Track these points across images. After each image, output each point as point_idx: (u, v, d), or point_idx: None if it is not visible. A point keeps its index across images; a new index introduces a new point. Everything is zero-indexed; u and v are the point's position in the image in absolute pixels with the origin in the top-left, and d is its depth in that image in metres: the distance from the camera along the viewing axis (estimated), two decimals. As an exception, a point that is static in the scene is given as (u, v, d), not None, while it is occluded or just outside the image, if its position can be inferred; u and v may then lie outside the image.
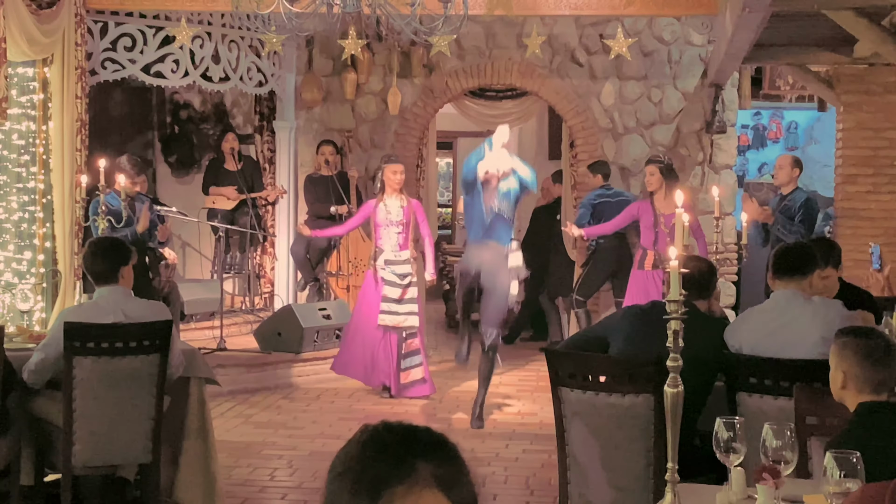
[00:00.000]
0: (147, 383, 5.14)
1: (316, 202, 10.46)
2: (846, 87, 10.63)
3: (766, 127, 15.69)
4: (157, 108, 12.75)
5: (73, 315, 5.21)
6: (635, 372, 4.37)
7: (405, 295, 8.79)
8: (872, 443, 3.05)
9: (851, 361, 3.40)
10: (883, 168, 10.41)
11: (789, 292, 4.68)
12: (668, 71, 10.96)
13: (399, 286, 8.77)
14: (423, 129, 11.32)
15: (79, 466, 5.15)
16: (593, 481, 4.46)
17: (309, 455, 7.07)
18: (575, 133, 11.16)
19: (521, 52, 10.67)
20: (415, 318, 8.82)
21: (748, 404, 4.43)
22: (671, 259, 3.13)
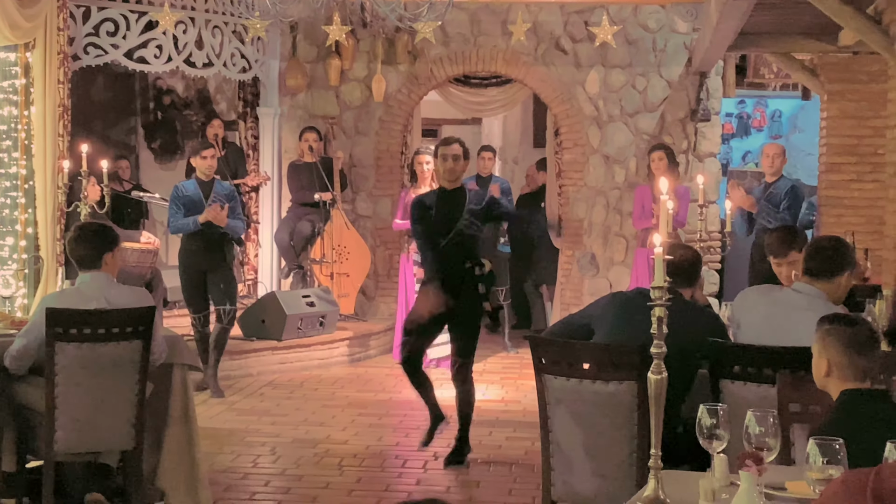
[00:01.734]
0: (130, 370, 5.12)
1: (300, 189, 10.44)
2: (830, 75, 10.65)
3: (750, 115, 15.72)
4: (140, 94, 12.69)
5: (55, 301, 5.18)
6: (619, 359, 4.38)
7: None
8: (855, 430, 3.05)
9: (835, 349, 3.40)
10: (866, 157, 10.43)
11: (814, 292, 4.61)
12: (652, 59, 10.96)
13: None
14: (408, 116, 11.30)
15: (61, 453, 5.13)
16: (577, 468, 4.46)
17: (292, 442, 7.06)
18: (560, 121, 11.16)
19: (506, 40, 10.65)
20: None
21: (731, 391, 4.44)
22: (656, 246, 3.13)
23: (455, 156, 6.67)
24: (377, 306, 11.11)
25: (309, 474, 6.32)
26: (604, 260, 11.00)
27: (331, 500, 5.83)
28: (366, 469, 6.47)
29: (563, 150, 11.16)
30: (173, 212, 8.30)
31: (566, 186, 11.13)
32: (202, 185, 8.31)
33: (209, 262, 8.28)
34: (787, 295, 4.71)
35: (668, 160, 9.12)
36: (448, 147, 6.74)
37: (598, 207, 10.95)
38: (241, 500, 5.77)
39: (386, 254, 11.15)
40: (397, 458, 6.78)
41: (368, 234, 11.01)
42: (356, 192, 11.13)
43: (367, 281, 10.89)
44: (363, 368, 9.74)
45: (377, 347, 10.32)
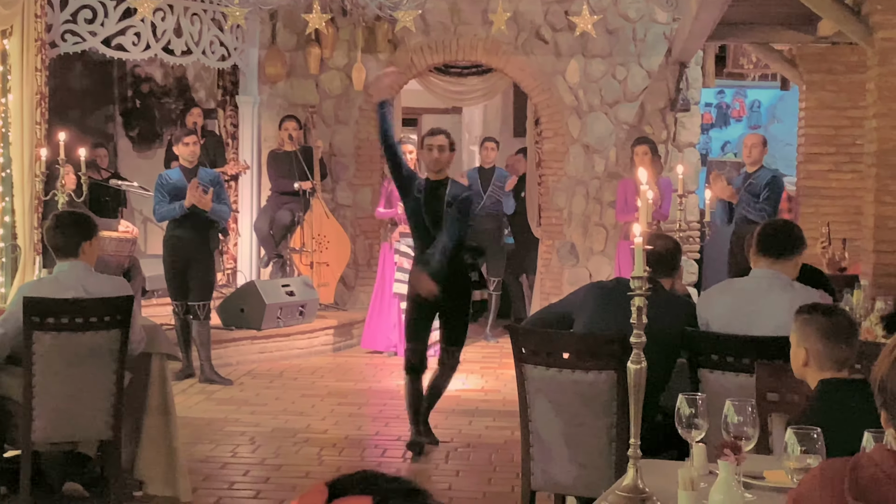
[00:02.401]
0: (108, 359, 5.10)
1: (279, 178, 10.40)
2: (809, 66, 10.69)
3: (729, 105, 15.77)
4: (118, 82, 12.62)
5: (32, 290, 5.15)
6: (599, 349, 4.39)
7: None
8: (833, 419, 3.07)
9: (814, 339, 3.42)
10: (844, 147, 10.48)
11: (772, 274, 4.62)
12: (632, 49, 10.97)
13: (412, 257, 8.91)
14: (388, 105, 11.25)
15: (39, 442, 5.11)
16: (556, 458, 4.47)
17: (271, 432, 7.05)
18: (540, 110, 11.16)
19: (487, 29, 10.64)
20: None
21: (710, 381, 4.45)
22: (636, 236, 3.13)
23: (440, 146, 6.66)
24: (357, 296, 11.10)
25: (288, 464, 6.31)
26: (584, 249, 11.02)
27: (310, 489, 5.81)
28: (345, 458, 6.47)
29: (544, 140, 11.16)
30: (158, 199, 8.28)
31: (546, 176, 11.13)
32: (186, 172, 8.30)
33: (193, 250, 8.26)
34: (748, 283, 4.71)
35: (652, 154, 9.16)
36: (433, 138, 6.72)
37: (578, 197, 10.96)
38: (220, 490, 5.76)
39: (366, 243, 11.13)
40: (377, 447, 6.78)
41: (348, 224, 10.99)
42: (336, 181, 11.11)
43: (346, 270, 10.88)
44: (343, 358, 9.73)
45: (357, 337, 10.31)
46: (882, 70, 7.36)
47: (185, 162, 8.35)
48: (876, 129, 7.39)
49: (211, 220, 8.30)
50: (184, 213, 8.14)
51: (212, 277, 8.54)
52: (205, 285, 8.35)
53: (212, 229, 8.40)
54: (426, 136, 6.85)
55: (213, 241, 8.48)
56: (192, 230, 8.23)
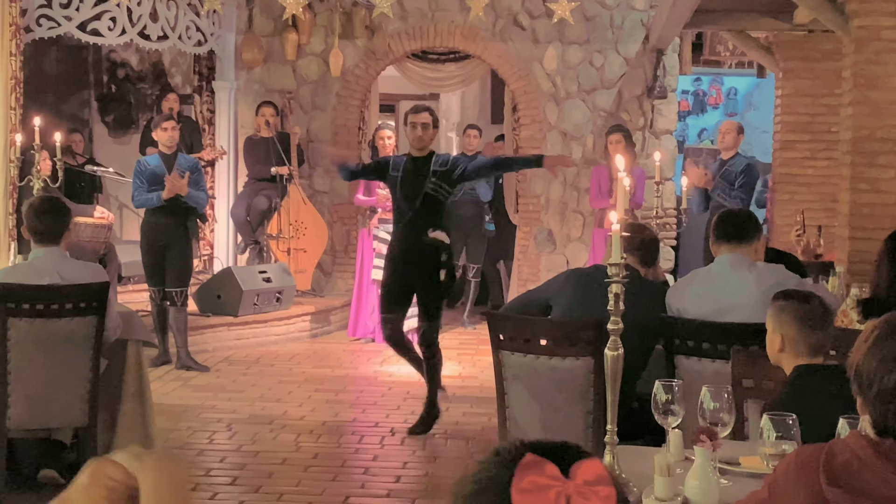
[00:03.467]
0: (83, 346, 5.08)
1: (256, 164, 10.37)
2: (785, 53, 10.72)
3: (706, 93, 15.80)
4: (94, 67, 12.53)
5: (7, 276, 5.12)
6: (576, 335, 4.40)
7: None
8: (808, 405, 3.09)
9: (789, 325, 3.44)
10: (820, 134, 10.52)
11: (734, 257, 4.66)
12: (610, 36, 10.97)
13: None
14: (365, 91, 11.24)
15: (13, 429, 5.09)
16: (533, 443, 4.47)
17: (248, 418, 7.04)
18: (517, 97, 11.16)
19: (465, 15, 10.62)
20: None
21: (686, 367, 4.47)
22: (613, 223, 3.14)
23: (424, 124, 6.77)
24: (334, 282, 11.08)
25: (265, 450, 6.31)
26: (560, 236, 11.04)
27: (287, 475, 5.82)
28: (322, 445, 6.47)
29: (521, 127, 11.16)
30: (137, 186, 8.24)
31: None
32: (165, 158, 8.26)
33: (170, 236, 8.22)
34: (713, 268, 4.73)
35: (626, 142, 9.12)
36: (417, 115, 6.82)
37: (556, 184, 10.97)
38: (196, 477, 5.74)
39: (343, 229, 11.11)
40: (354, 433, 6.78)
41: (325, 210, 10.97)
42: (313, 167, 11.08)
43: (324, 257, 10.86)
44: (320, 344, 9.72)
45: (334, 323, 10.30)
46: (858, 58, 7.38)
47: (163, 147, 8.31)
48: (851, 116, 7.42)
49: (189, 206, 8.27)
50: (161, 203, 8.11)
51: (189, 263, 8.51)
52: (182, 271, 8.32)
53: (190, 215, 8.37)
54: (410, 112, 6.95)
55: (191, 227, 8.45)
56: (169, 216, 8.20)
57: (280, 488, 5.59)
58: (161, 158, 8.28)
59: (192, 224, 8.47)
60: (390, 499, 5.49)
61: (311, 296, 10.61)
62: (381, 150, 9.48)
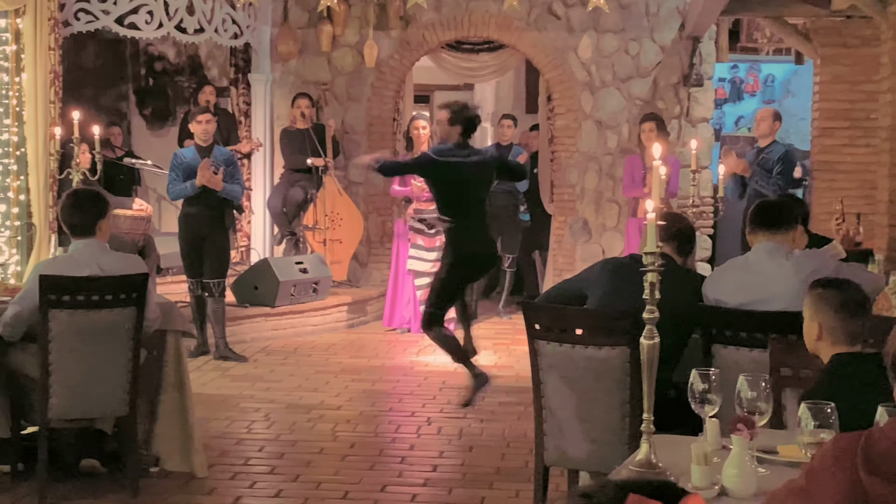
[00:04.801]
0: (123, 337, 5.13)
1: (292, 155, 10.41)
2: (823, 39, 10.63)
3: (743, 80, 15.69)
4: (132, 60, 12.64)
5: (48, 268, 5.18)
6: (611, 325, 4.39)
7: (435, 243, 9.32)
8: (846, 394, 3.07)
9: (827, 313, 3.42)
10: (859, 121, 10.43)
11: (771, 246, 4.63)
12: (645, 24, 10.92)
13: (428, 234, 9.43)
14: (400, 82, 11.26)
15: (55, 419, 5.14)
16: (569, 433, 4.48)
17: (286, 408, 7.09)
18: (552, 86, 11.13)
19: (499, 5, 10.60)
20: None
21: (723, 356, 4.46)
22: (648, 212, 3.13)
23: (438, 120, 6.97)
24: (370, 273, 11.12)
25: (303, 440, 6.35)
26: (596, 226, 11.01)
27: (324, 465, 5.86)
28: (359, 434, 6.50)
29: (556, 116, 11.14)
30: (172, 178, 8.30)
31: (559, 152, 11.12)
32: (201, 150, 8.32)
33: (208, 228, 8.29)
34: (750, 256, 4.72)
35: (658, 130, 9.09)
36: (438, 111, 7.04)
37: (591, 173, 10.95)
38: (235, 466, 5.80)
39: (378, 220, 11.14)
40: (391, 423, 6.81)
41: (361, 201, 11.00)
42: (349, 158, 11.11)
43: (359, 247, 10.90)
44: (356, 334, 9.76)
45: (370, 313, 10.34)
46: (896, 44, 7.32)
47: (199, 140, 8.36)
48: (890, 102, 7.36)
49: (224, 197, 8.32)
50: (196, 192, 8.16)
51: (227, 255, 8.57)
52: (220, 262, 8.39)
53: (227, 206, 8.42)
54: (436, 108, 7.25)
55: (228, 218, 8.50)
56: (206, 207, 8.25)
57: (318, 477, 5.62)
58: (197, 151, 8.34)
59: (229, 215, 8.53)
60: (427, 488, 5.51)
61: (347, 286, 10.65)
62: (415, 141, 9.52)
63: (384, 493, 5.42)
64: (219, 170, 8.19)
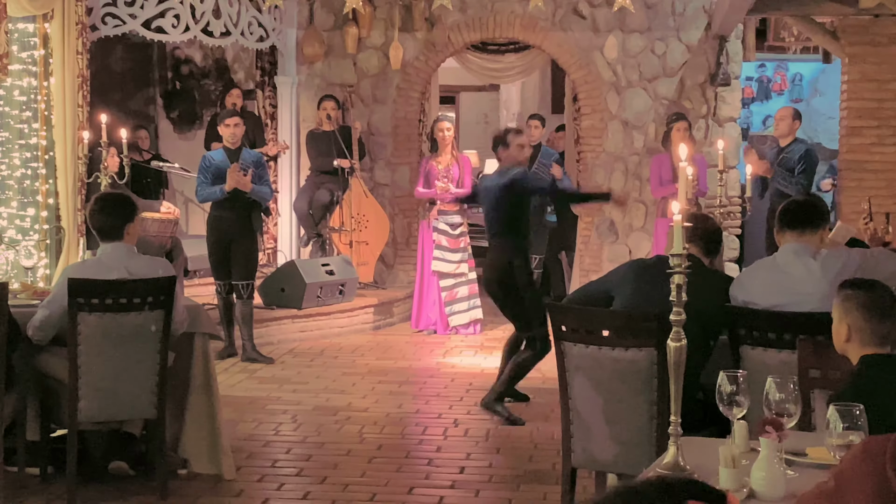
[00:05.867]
0: (151, 339, 5.15)
1: (318, 157, 10.44)
2: (851, 38, 10.56)
3: (770, 79, 15.61)
4: (159, 64, 12.70)
5: (76, 272, 5.21)
6: (638, 326, 4.37)
7: (459, 244, 9.65)
8: (875, 396, 3.05)
9: (856, 314, 3.39)
10: (887, 120, 10.37)
11: (799, 246, 4.60)
12: (671, 23, 10.88)
13: (451, 235, 9.63)
14: (426, 83, 11.26)
15: (84, 422, 5.17)
16: (596, 435, 4.47)
17: (313, 410, 7.10)
18: (578, 87, 11.11)
19: (524, 5, 10.59)
20: (466, 265, 9.77)
21: (751, 357, 4.43)
22: (675, 213, 3.12)
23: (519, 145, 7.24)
24: (396, 274, 11.13)
25: (330, 441, 6.36)
26: (623, 226, 10.98)
27: (352, 467, 5.86)
28: (386, 436, 6.51)
29: (582, 116, 11.11)
30: (201, 181, 8.35)
31: (585, 153, 11.09)
32: (230, 153, 8.38)
33: (237, 231, 8.34)
34: (777, 257, 4.68)
35: (685, 130, 9.11)
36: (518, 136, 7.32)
37: (617, 174, 10.92)
38: (263, 468, 5.81)
39: (404, 222, 11.15)
40: (417, 425, 6.81)
41: (387, 203, 11.02)
42: (374, 160, 11.13)
43: (385, 249, 10.91)
44: (383, 336, 9.77)
45: (397, 315, 10.35)
46: (925, 42, 7.26)
47: (227, 143, 8.42)
48: (919, 101, 7.30)
49: (253, 199, 8.37)
50: (224, 196, 8.21)
51: (255, 257, 8.61)
52: (248, 265, 8.42)
53: (255, 209, 8.47)
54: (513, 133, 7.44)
55: (255, 221, 8.55)
56: (234, 210, 8.29)
57: (345, 479, 5.63)
58: (226, 153, 8.38)
59: (257, 218, 8.57)
60: (454, 490, 5.51)
61: (374, 288, 10.67)
62: (439, 142, 9.61)
63: (411, 495, 5.42)
64: (247, 171, 8.23)
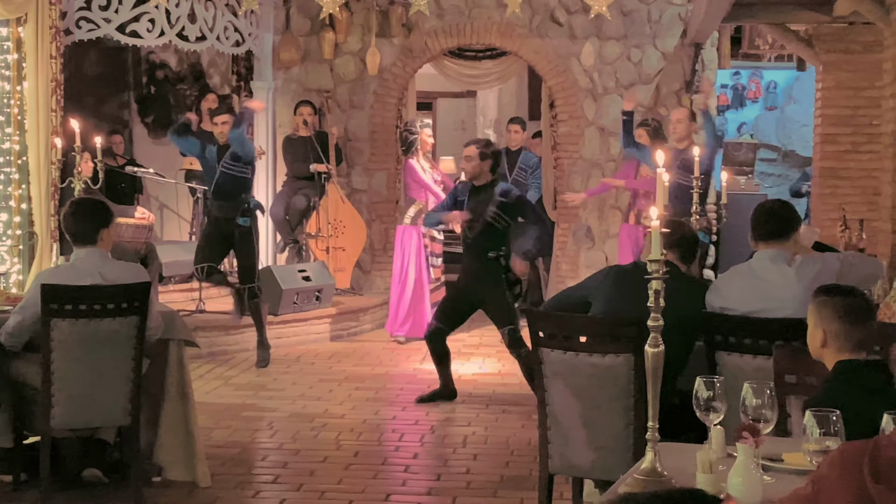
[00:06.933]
0: (126, 345, 5.12)
1: (294, 163, 10.41)
2: (826, 46, 10.63)
3: (745, 86, 15.70)
4: (133, 68, 12.64)
5: (50, 277, 5.17)
6: (616, 332, 4.37)
7: (441, 249, 9.91)
8: (851, 401, 3.06)
9: (831, 320, 3.40)
10: (862, 127, 10.43)
11: (774, 253, 4.62)
12: (647, 30, 10.92)
13: (439, 241, 9.88)
14: (403, 89, 11.25)
15: (58, 429, 5.13)
16: (574, 441, 4.47)
17: (289, 416, 7.07)
18: (555, 93, 11.12)
19: (501, 12, 10.60)
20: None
21: (728, 363, 4.44)
22: (652, 219, 3.12)
23: (467, 157, 7.39)
24: (373, 280, 11.11)
25: (306, 448, 6.33)
26: (599, 232, 11.00)
27: (328, 474, 5.84)
28: (363, 443, 6.48)
29: (559, 123, 11.13)
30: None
31: (562, 159, 11.11)
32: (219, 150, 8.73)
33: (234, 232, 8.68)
34: (753, 263, 4.70)
35: (649, 136, 9.01)
36: (464, 149, 7.48)
37: (594, 180, 10.92)
38: (238, 475, 5.78)
39: (381, 227, 11.13)
40: (394, 431, 6.79)
41: (364, 209, 11.00)
42: (351, 166, 11.11)
43: (362, 255, 10.88)
44: (360, 343, 9.74)
45: (374, 321, 10.32)
46: (899, 49, 7.31)
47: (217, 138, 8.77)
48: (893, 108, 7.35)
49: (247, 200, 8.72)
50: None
51: (254, 259, 8.89)
52: (249, 267, 8.76)
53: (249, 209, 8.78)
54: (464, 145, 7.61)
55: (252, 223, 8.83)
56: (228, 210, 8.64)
57: (321, 486, 5.61)
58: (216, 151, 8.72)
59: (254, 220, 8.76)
60: (431, 496, 5.49)
61: (351, 294, 10.64)
62: (422, 148, 9.97)
63: (388, 502, 5.41)
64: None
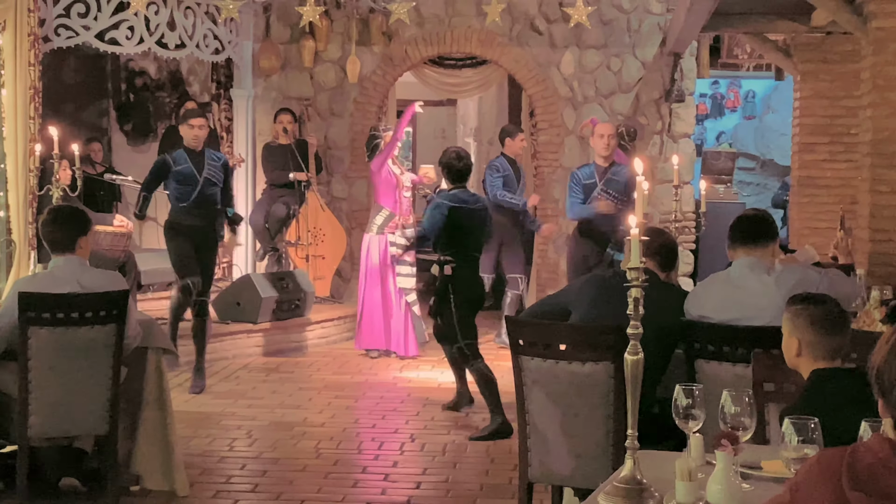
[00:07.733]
0: (104, 354, 5.10)
1: (274, 171, 10.38)
2: (803, 55, 10.69)
3: (724, 96, 15.78)
4: (112, 76, 12.60)
5: (27, 285, 5.14)
6: (595, 340, 4.38)
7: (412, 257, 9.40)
8: (826, 409, 3.07)
9: (805, 329, 3.42)
10: (840, 136, 10.49)
11: (753, 261, 4.63)
12: (627, 40, 10.96)
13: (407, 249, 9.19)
14: (383, 97, 11.26)
15: (35, 438, 5.11)
16: (553, 449, 4.47)
17: (268, 425, 7.05)
18: (535, 102, 11.15)
19: (481, 20, 10.62)
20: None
21: (706, 371, 4.46)
22: (631, 227, 3.12)
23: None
24: (353, 289, 11.07)
25: (285, 457, 6.31)
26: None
27: (307, 482, 5.82)
28: (342, 451, 6.47)
29: (539, 132, 11.15)
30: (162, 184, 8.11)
31: (542, 167, 11.13)
32: (192, 156, 7.94)
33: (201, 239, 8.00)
34: (731, 271, 4.71)
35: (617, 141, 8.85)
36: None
37: (574, 188, 10.93)
38: (217, 484, 5.76)
39: (361, 236, 11.11)
40: (374, 440, 6.78)
41: (344, 217, 10.98)
42: (331, 174, 11.09)
43: (342, 263, 10.87)
44: (339, 351, 9.72)
45: (353, 330, 10.29)
46: (876, 59, 7.36)
47: (189, 145, 7.97)
48: (870, 118, 7.39)
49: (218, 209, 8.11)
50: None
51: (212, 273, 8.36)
52: (208, 280, 8.15)
53: (219, 218, 8.18)
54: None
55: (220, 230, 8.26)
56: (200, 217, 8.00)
57: (301, 495, 5.59)
58: (187, 156, 7.96)
59: (220, 226, 8.29)
60: (411, 505, 5.49)
61: (330, 302, 10.62)
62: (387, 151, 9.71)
63: (367, 510, 5.40)
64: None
